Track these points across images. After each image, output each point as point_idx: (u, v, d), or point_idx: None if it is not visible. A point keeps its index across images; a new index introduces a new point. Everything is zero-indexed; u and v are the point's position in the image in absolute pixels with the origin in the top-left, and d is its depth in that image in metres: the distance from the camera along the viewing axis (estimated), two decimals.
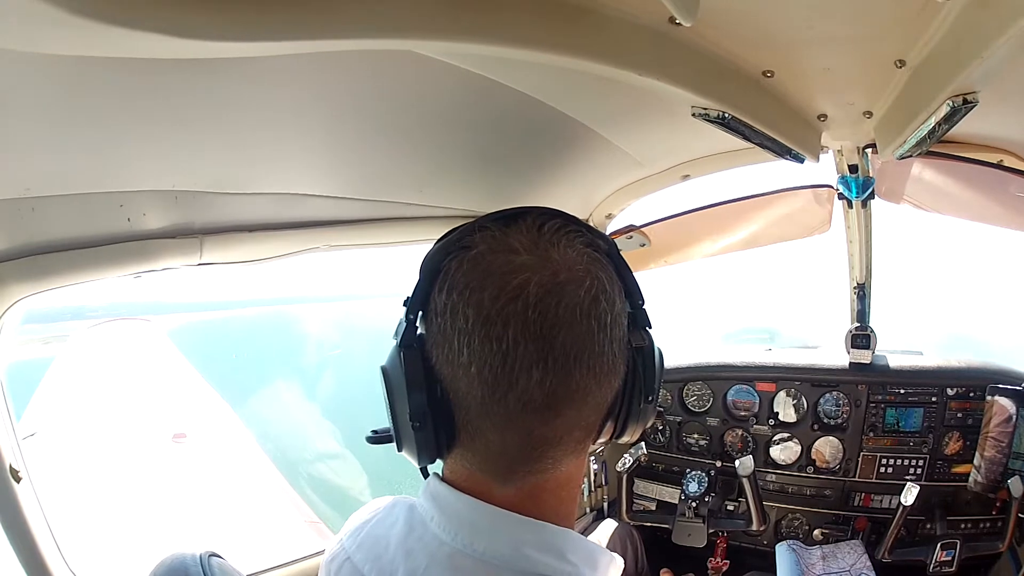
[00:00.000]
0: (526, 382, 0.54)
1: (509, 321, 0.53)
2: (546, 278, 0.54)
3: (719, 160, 1.69)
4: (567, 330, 0.54)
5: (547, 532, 0.60)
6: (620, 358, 0.60)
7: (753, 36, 0.98)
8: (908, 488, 1.73)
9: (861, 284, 1.94)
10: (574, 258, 0.57)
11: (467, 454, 0.60)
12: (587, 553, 0.61)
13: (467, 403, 0.57)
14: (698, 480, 2.05)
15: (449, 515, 0.60)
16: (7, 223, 0.85)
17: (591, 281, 0.56)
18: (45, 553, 1.04)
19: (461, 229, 0.59)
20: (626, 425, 0.63)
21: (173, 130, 0.87)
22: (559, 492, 0.62)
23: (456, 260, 0.57)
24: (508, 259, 0.55)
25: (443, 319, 0.56)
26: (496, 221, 0.58)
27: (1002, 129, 1.40)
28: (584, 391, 0.57)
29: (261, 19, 0.60)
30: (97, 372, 6.12)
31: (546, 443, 0.58)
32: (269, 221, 1.16)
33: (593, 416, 0.60)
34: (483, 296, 0.54)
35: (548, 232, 0.57)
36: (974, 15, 0.81)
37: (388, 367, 0.62)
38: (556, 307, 0.54)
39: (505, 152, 1.33)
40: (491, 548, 0.58)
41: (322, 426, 10.29)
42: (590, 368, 0.56)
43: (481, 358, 0.54)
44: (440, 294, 0.57)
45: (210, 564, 0.79)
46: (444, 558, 0.58)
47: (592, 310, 0.56)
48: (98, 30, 0.51)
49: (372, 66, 0.91)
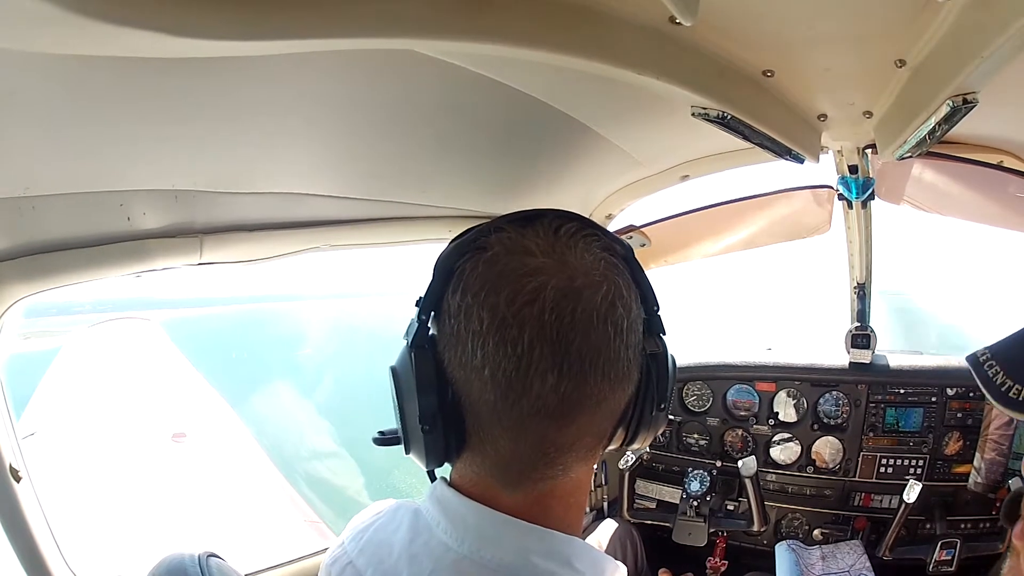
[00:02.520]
0: (540, 387, 0.53)
1: (525, 325, 0.52)
2: (563, 282, 0.53)
3: (719, 160, 1.69)
4: (583, 335, 0.53)
5: (554, 540, 0.59)
6: (634, 364, 0.59)
7: (753, 36, 0.98)
8: (911, 485, 1.72)
9: (861, 284, 1.94)
10: (591, 262, 0.56)
11: (477, 459, 0.59)
12: (593, 561, 0.61)
13: (479, 407, 0.56)
14: (700, 479, 2.05)
15: (455, 521, 0.60)
16: (7, 223, 0.85)
17: (608, 286, 0.55)
18: (45, 553, 1.04)
19: (476, 230, 0.58)
20: (637, 432, 0.63)
21: (173, 129, 0.87)
22: (567, 499, 0.61)
23: (471, 261, 0.56)
24: (524, 262, 0.54)
25: (457, 321, 0.55)
26: (512, 222, 0.57)
27: (1002, 129, 1.40)
28: (598, 397, 0.56)
29: (261, 18, 0.60)
30: (97, 371, 6.12)
31: (558, 449, 0.57)
32: (269, 221, 1.16)
33: (606, 423, 0.60)
34: (499, 299, 0.53)
35: (565, 235, 0.56)
36: (974, 15, 0.81)
37: (398, 367, 0.60)
38: (573, 312, 0.53)
39: (505, 151, 1.33)
40: (497, 555, 0.57)
41: (318, 422, 10.29)
42: (605, 374, 0.55)
43: (495, 361, 0.53)
44: (454, 295, 0.56)
45: (208, 564, 0.79)
46: (449, 564, 0.58)
47: (609, 315, 0.55)
48: (98, 30, 0.51)
49: (372, 65, 0.91)
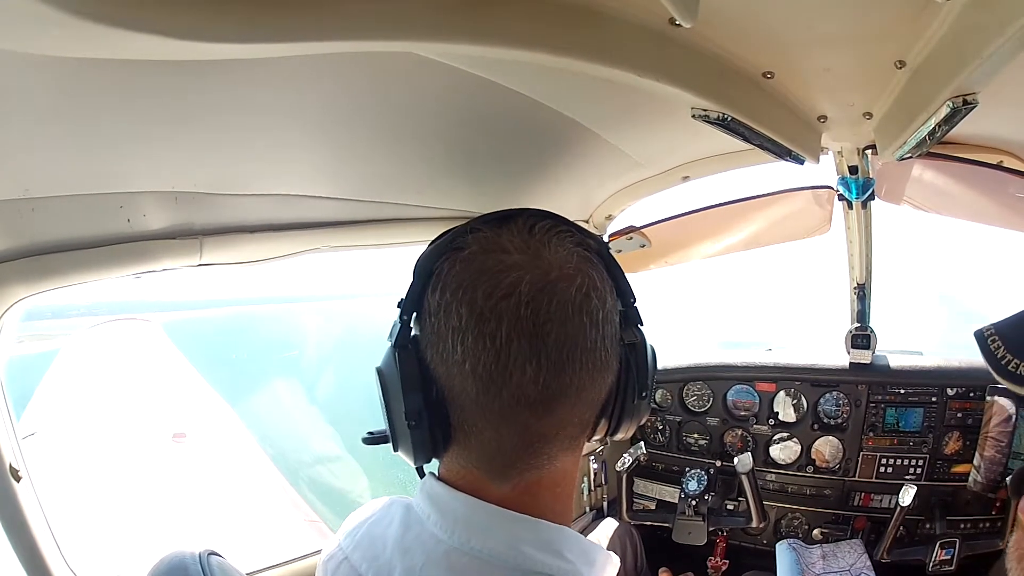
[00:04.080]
0: (520, 378, 0.54)
1: (502, 318, 0.54)
2: (538, 276, 0.55)
3: (719, 161, 1.69)
4: (559, 326, 0.55)
5: (543, 529, 0.60)
6: (613, 355, 0.60)
7: (753, 37, 0.98)
8: (905, 489, 1.74)
9: (861, 284, 1.94)
10: (565, 257, 0.57)
11: (463, 452, 0.61)
12: (583, 550, 0.62)
13: (462, 401, 0.57)
14: (697, 478, 2.05)
15: (445, 513, 0.61)
16: (7, 224, 0.85)
17: (582, 279, 0.57)
18: (45, 553, 1.04)
19: (453, 231, 0.60)
20: (620, 421, 0.64)
21: (173, 131, 0.87)
22: (555, 489, 0.63)
23: (449, 261, 0.58)
24: (500, 259, 0.56)
25: (437, 318, 0.57)
26: (488, 223, 0.60)
27: (1002, 130, 1.40)
28: (578, 387, 0.57)
29: (261, 21, 0.60)
30: (97, 371, 6.12)
31: (541, 439, 0.58)
32: (269, 222, 1.16)
33: (587, 412, 0.61)
34: (476, 294, 0.55)
35: (539, 232, 0.58)
36: (974, 15, 0.81)
37: (383, 368, 0.62)
38: (548, 304, 0.54)
39: (505, 154, 1.33)
40: (488, 545, 0.58)
41: (318, 422, 10.34)
42: (583, 364, 0.57)
43: (475, 355, 0.55)
44: (434, 294, 0.58)
45: (209, 563, 0.79)
46: (441, 556, 0.59)
47: (584, 306, 0.56)
48: (98, 31, 0.51)
49: (371, 67, 0.91)
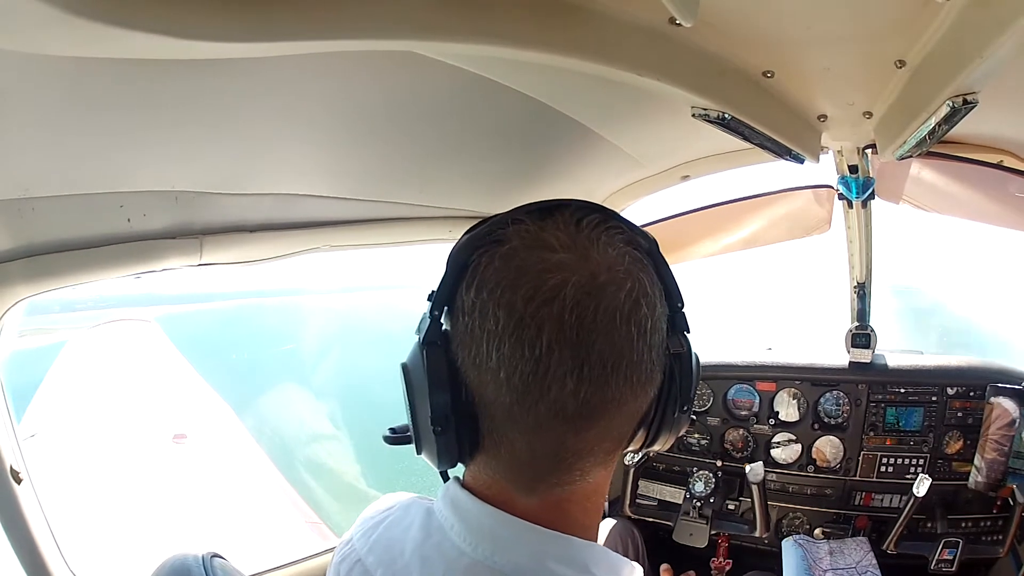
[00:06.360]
0: (559, 391, 0.50)
1: (543, 325, 0.49)
2: (584, 279, 0.50)
3: (719, 160, 1.70)
4: (605, 337, 0.50)
5: (572, 546, 0.57)
6: (657, 366, 0.56)
7: (753, 36, 0.98)
8: (920, 480, 1.71)
9: (861, 284, 1.94)
10: (614, 258, 0.52)
11: (491, 461, 0.57)
12: (611, 566, 0.59)
13: (493, 409, 0.53)
14: (705, 480, 2.04)
15: (470, 525, 0.57)
16: (8, 224, 0.85)
17: (632, 283, 0.52)
18: (45, 554, 1.04)
19: (492, 221, 0.55)
20: (658, 434, 0.60)
21: (173, 130, 0.87)
22: (585, 503, 0.59)
23: (487, 255, 0.53)
24: (544, 256, 0.51)
25: (471, 319, 0.52)
26: (531, 214, 0.54)
27: (1002, 129, 1.40)
28: (619, 401, 0.53)
29: (261, 20, 0.60)
30: (97, 373, 6.12)
31: (575, 455, 0.54)
32: (269, 221, 1.16)
33: (626, 426, 0.57)
34: (516, 296, 0.50)
35: (587, 228, 0.53)
36: (974, 15, 0.81)
37: (409, 364, 0.58)
38: (595, 311, 0.49)
39: (505, 153, 1.33)
40: (512, 560, 0.55)
41: (317, 421, 10.37)
42: (627, 378, 0.52)
43: (511, 364, 0.50)
44: (468, 291, 0.53)
45: (212, 565, 0.79)
46: (463, 569, 0.56)
47: (632, 315, 0.51)
48: (98, 30, 0.51)
49: (372, 67, 0.91)
